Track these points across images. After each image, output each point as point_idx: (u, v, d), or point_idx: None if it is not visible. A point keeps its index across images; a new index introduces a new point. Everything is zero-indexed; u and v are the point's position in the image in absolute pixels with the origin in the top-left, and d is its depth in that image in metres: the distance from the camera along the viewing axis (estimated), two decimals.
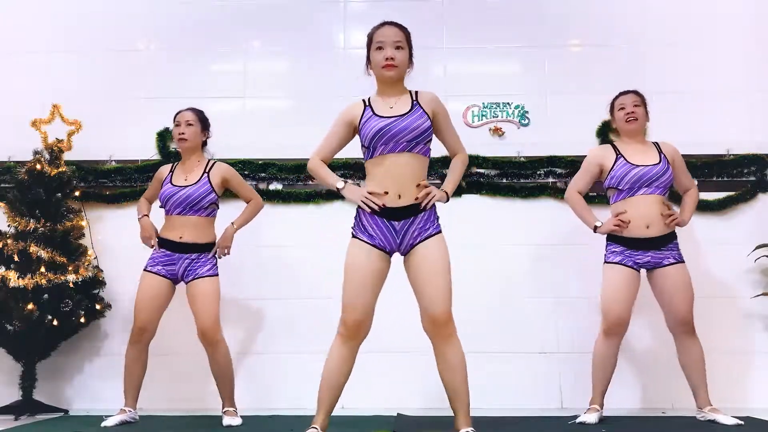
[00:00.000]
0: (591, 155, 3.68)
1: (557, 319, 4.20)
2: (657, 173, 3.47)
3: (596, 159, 3.63)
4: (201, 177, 3.62)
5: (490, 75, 4.53)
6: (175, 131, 3.68)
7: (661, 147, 3.61)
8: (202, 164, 3.68)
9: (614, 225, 3.48)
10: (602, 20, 4.52)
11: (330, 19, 4.58)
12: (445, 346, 2.84)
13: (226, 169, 3.71)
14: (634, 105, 3.60)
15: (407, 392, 3.98)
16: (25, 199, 3.96)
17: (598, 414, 3.42)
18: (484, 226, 4.30)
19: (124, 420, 3.45)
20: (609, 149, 3.64)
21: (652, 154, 3.56)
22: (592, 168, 3.64)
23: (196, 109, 3.74)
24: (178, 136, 3.65)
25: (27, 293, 3.72)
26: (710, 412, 3.36)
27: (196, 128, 3.66)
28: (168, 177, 3.68)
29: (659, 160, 3.53)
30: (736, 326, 4.15)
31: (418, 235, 2.86)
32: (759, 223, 4.22)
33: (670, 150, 3.61)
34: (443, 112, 3.04)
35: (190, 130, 3.64)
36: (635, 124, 3.58)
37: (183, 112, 3.71)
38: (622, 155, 3.56)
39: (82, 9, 4.58)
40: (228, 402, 3.55)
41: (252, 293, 4.18)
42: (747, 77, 4.42)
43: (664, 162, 3.51)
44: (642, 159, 3.53)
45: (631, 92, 3.67)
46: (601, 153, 3.65)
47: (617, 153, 3.58)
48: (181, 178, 3.64)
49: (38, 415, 3.88)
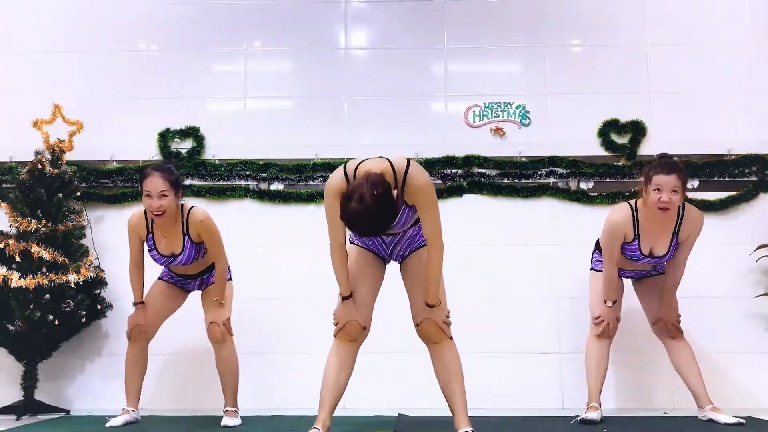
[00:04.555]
0: (615, 229, 3.36)
1: (559, 319, 4.20)
2: (658, 261, 3.45)
3: (621, 229, 3.35)
4: (184, 242, 3.42)
5: (491, 75, 4.53)
6: (147, 203, 3.31)
7: (681, 225, 3.31)
8: (178, 223, 3.42)
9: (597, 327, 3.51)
10: (602, 20, 4.52)
11: (331, 19, 4.58)
12: (438, 348, 2.86)
13: (200, 226, 3.41)
14: (673, 191, 3.18)
15: (408, 392, 3.98)
16: (26, 200, 3.96)
17: (599, 411, 3.43)
18: (485, 226, 4.30)
19: (128, 420, 3.45)
20: (630, 225, 3.34)
21: (667, 238, 3.33)
22: (619, 238, 3.37)
23: (165, 170, 3.35)
24: (155, 212, 3.30)
25: (28, 293, 3.72)
26: (711, 411, 3.36)
27: (170, 197, 3.31)
28: (150, 240, 3.44)
29: (668, 249, 3.35)
30: (738, 326, 4.14)
31: (408, 247, 2.91)
32: (760, 223, 4.22)
33: (689, 230, 3.32)
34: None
35: (165, 201, 3.30)
36: (667, 213, 3.25)
37: (151, 178, 3.29)
38: (639, 237, 3.34)
39: (83, 9, 4.58)
40: (230, 402, 3.55)
41: (252, 293, 4.18)
42: (748, 77, 4.41)
43: (671, 252, 3.36)
44: (655, 245, 3.35)
45: (673, 173, 3.19)
46: (623, 226, 3.35)
47: (635, 232, 3.34)
48: (162, 243, 3.42)
49: (40, 415, 3.88)
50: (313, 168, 4.38)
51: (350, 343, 2.86)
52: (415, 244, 2.91)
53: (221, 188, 4.38)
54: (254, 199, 4.38)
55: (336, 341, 2.87)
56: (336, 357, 2.85)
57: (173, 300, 3.65)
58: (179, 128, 4.44)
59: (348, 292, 2.83)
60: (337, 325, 2.86)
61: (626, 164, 4.33)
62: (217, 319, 3.51)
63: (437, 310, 2.83)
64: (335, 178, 2.71)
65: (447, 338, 2.85)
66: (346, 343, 2.86)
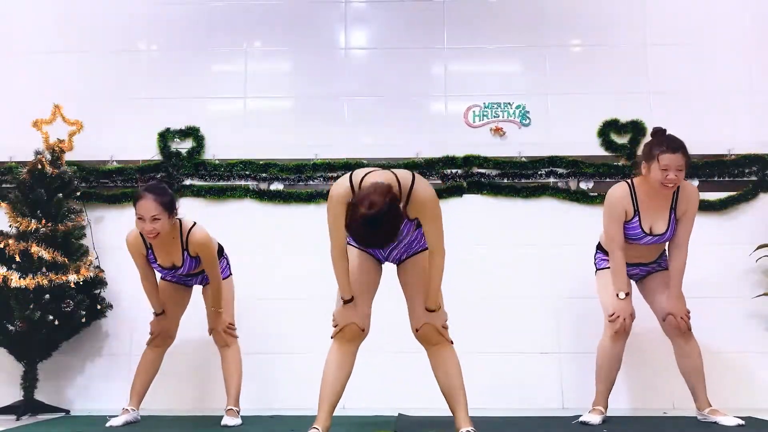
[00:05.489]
0: (615, 204, 3.37)
1: (558, 319, 4.20)
2: (659, 240, 3.42)
3: (621, 206, 3.36)
4: (183, 257, 3.45)
5: (491, 75, 4.53)
6: (140, 226, 3.30)
7: (678, 201, 3.33)
8: (177, 240, 3.43)
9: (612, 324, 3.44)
10: (602, 20, 4.52)
11: (331, 19, 4.58)
12: (438, 351, 2.86)
13: (199, 245, 3.42)
14: (678, 169, 3.21)
15: (408, 392, 3.98)
16: (26, 200, 3.96)
17: (602, 416, 3.40)
18: (486, 226, 4.30)
19: (128, 420, 3.45)
20: (629, 200, 3.35)
21: (666, 214, 3.34)
22: (620, 215, 3.37)
23: (158, 192, 3.32)
24: (148, 234, 3.29)
25: (28, 293, 3.72)
26: (710, 414, 3.34)
27: (163, 220, 3.29)
28: (150, 255, 3.45)
29: (667, 226, 3.35)
30: (738, 326, 4.15)
31: (405, 252, 2.91)
32: (760, 223, 4.21)
33: (685, 204, 3.34)
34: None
35: (158, 225, 3.28)
36: (671, 189, 3.29)
37: (143, 201, 3.27)
38: (639, 214, 3.35)
39: (83, 9, 4.58)
40: (232, 401, 3.55)
41: (253, 293, 4.18)
42: (748, 77, 4.42)
43: (671, 230, 3.36)
44: (654, 222, 3.35)
45: (679, 151, 3.22)
46: (623, 202, 3.36)
47: (635, 209, 3.35)
48: (163, 256, 3.45)
49: (40, 415, 3.88)
50: (313, 168, 4.38)
51: (349, 344, 2.86)
52: (413, 250, 2.90)
53: (221, 188, 4.38)
54: (254, 199, 4.38)
55: (335, 342, 2.87)
56: (335, 357, 2.85)
57: (182, 298, 3.68)
58: (179, 128, 4.44)
59: (350, 296, 2.83)
60: (336, 328, 2.87)
61: (626, 164, 4.33)
62: (218, 326, 3.55)
63: (436, 315, 2.84)
64: (341, 186, 2.68)
65: (443, 342, 2.86)
66: (345, 344, 2.86)
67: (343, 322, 2.83)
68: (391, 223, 2.47)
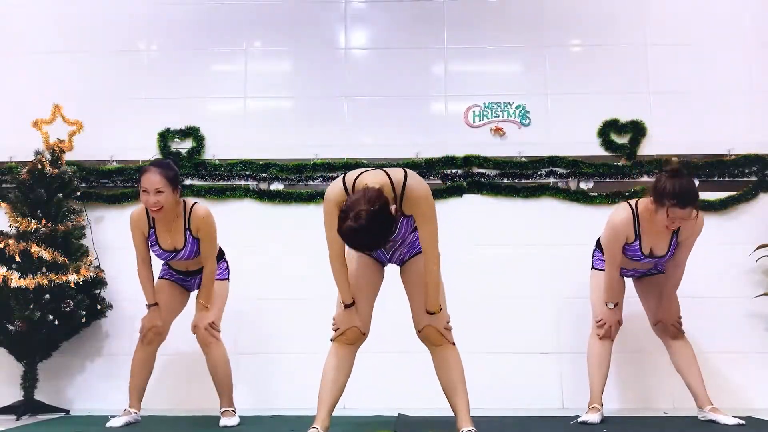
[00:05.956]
0: (618, 229, 3.34)
1: (559, 319, 4.20)
2: (658, 261, 3.44)
3: (623, 232, 3.34)
4: (185, 238, 3.43)
5: (491, 75, 4.53)
6: (144, 198, 3.31)
7: (682, 228, 3.29)
8: (180, 218, 3.42)
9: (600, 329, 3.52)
10: (602, 20, 4.52)
11: (331, 19, 4.58)
12: (440, 351, 2.87)
13: (201, 222, 3.41)
14: (684, 219, 3.19)
15: (408, 392, 3.98)
16: (26, 200, 3.96)
17: (600, 413, 3.42)
18: (486, 226, 4.30)
19: (129, 421, 3.44)
20: (631, 226, 3.33)
21: (667, 238, 3.33)
22: (621, 239, 3.36)
23: (163, 166, 3.36)
24: (152, 207, 3.31)
25: (28, 293, 3.72)
26: (711, 412, 3.35)
27: (167, 193, 3.30)
28: (152, 236, 3.44)
29: (668, 249, 3.35)
30: (738, 326, 4.15)
31: (408, 252, 2.91)
32: (760, 223, 4.22)
33: (689, 231, 3.31)
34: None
35: (161, 197, 3.29)
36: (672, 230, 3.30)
37: (148, 174, 3.30)
38: (640, 238, 3.34)
39: (83, 9, 4.58)
40: (226, 402, 3.55)
41: (252, 293, 4.18)
42: (748, 77, 4.42)
43: (671, 252, 3.36)
44: (655, 245, 3.35)
45: (690, 206, 3.14)
46: (625, 228, 3.34)
47: (636, 233, 3.34)
48: (166, 240, 3.43)
49: (40, 415, 3.88)
50: (313, 168, 4.38)
51: (349, 346, 2.87)
52: (415, 249, 2.89)
53: (221, 188, 4.38)
54: (254, 199, 4.38)
55: (335, 344, 2.88)
56: (335, 358, 2.85)
57: (179, 298, 3.66)
58: (179, 128, 4.44)
59: (350, 300, 2.83)
60: (336, 331, 2.87)
61: (626, 164, 4.33)
62: (200, 322, 3.50)
63: (438, 316, 2.84)
64: (334, 189, 2.69)
65: (446, 342, 2.86)
66: (345, 346, 2.86)
67: (344, 326, 2.84)
68: (381, 229, 2.46)
